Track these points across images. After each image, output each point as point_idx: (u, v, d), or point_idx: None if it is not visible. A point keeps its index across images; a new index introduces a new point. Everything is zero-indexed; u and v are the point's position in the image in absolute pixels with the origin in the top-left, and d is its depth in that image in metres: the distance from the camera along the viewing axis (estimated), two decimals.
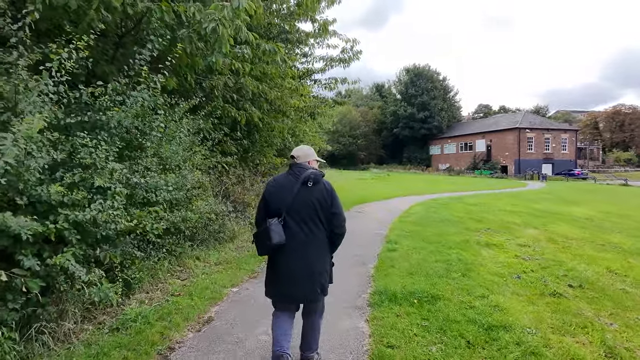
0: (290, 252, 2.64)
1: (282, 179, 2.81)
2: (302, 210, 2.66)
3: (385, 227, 9.12)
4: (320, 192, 2.72)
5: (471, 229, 8.94)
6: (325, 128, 18.17)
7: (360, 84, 11.73)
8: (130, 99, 3.91)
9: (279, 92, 8.66)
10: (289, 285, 2.68)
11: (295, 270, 2.66)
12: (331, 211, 2.74)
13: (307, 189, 2.68)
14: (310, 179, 2.69)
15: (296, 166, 2.80)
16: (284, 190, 2.70)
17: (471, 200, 16.40)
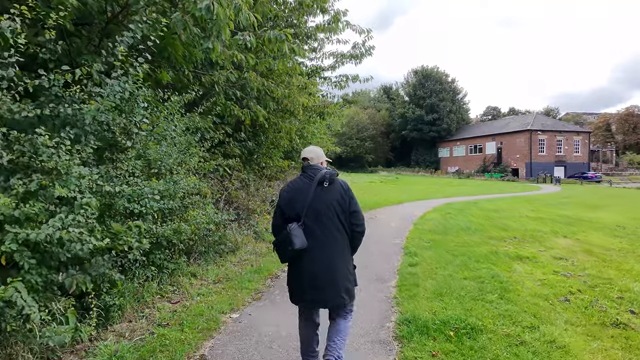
0: (311, 255, 2.56)
1: (296, 183, 2.73)
2: (321, 211, 2.59)
3: (402, 235, 8.37)
4: (337, 192, 2.66)
5: (496, 238, 8.16)
6: (333, 129, 17.45)
7: (371, 82, 10.95)
8: (107, 88, 3.22)
9: (286, 89, 7.98)
10: (314, 291, 2.60)
11: (318, 274, 2.58)
12: (350, 210, 2.68)
13: (323, 189, 2.62)
14: (325, 179, 2.62)
15: (309, 168, 2.73)
16: (300, 193, 2.63)
17: (488, 205, 15.56)
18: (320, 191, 2.61)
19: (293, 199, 2.64)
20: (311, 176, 2.67)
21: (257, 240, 7.24)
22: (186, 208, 4.65)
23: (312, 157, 2.79)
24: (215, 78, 6.25)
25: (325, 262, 2.58)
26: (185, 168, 4.95)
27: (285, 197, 2.69)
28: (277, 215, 2.74)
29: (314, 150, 2.86)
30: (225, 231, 6.26)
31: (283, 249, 2.58)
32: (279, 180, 11.71)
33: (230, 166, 7.52)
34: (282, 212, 2.68)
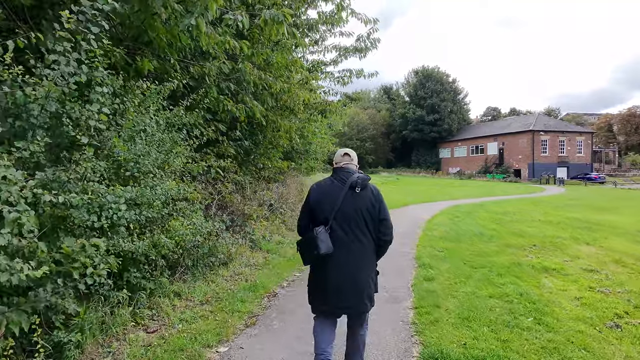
0: (337, 261, 2.51)
1: (326, 185, 2.66)
2: (350, 217, 2.54)
3: (412, 243, 7.69)
4: (368, 198, 2.60)
5: (514, 246, 7.48)
6: (335, 129, 16.76)
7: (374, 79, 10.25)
8: (54, 69, 2.53)
9: (285, 84, 7.30)
10: (337, 297, 2.54)
11: (342, 281, 2.52)
12: (379, 217, 2.61)
13: (354, 194, 2.56)
14: (358, 184, 2.56)
15: (342, 170, 2.67)
16: (330, 196, 2.57)
17: (495, 207, 14.89)
18: (350, 196, 2.55)
19: (322, 201, 2.57)
20: (343, 179, 2.60)
21: (254, 249, 6.55)
22: (169, 217, 3.96)
23: (352, 158, 2.76)
24: (206, 69, 5.56)
25: (350, 269, 2.52)
26: (170, 170, 4.26)
27: (316, 197, 2.62)
28: (305, 215, 2.67)
29: (352, 151, 2.81)
30: (217, 241, 5.56)
31: (307, 252, 2.53)
32: (278, 182, 11.03)
33: (224, 167, 6.84)
34: (311, 213, 2.62)
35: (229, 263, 5.58)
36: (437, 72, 56.26)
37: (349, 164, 2.74)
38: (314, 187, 2.69)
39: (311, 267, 2.68)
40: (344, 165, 2.71)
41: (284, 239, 7.69)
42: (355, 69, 9.42)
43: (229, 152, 7.21)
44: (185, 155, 4.68)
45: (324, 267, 2.55)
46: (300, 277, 5.46)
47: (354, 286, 2.52)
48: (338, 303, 2.54)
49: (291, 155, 12.84)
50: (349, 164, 2.74)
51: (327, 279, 2.53)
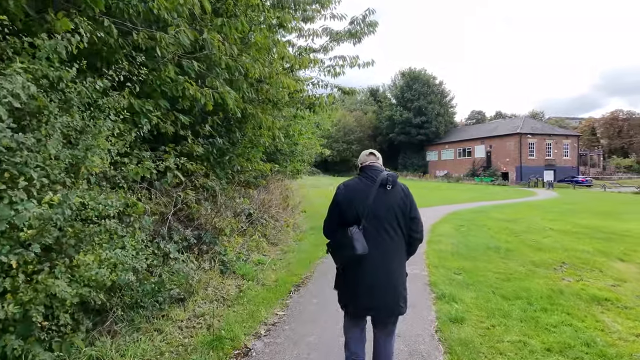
0: (371, 261, 2.43)
1: (354, 184, 2.59)
2: (382, 215, 2.47)
3: (420, 261, 6.38)
4: (399, 195, 2.53)
5: (541, 265, 6.25)
6: (323, 128, 15.38)
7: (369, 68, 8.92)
8: None
9: (266, 68, 5.92)
10: (371, 298, 2.45)
11: (377, 281, 2.44)
12: (411, 216, 2.54)
13: (385, 192, 2.49)
14: (389, 181, 2.49)
15: (369, 168, 2.63)
16: (360, 194, 2.50)
17: (497, 214, 13.78)
18: (382, 194, 2.49)
19: (353, 200, 2.50)
20: (372, 177, 2.54)
21: (225, 275, 5.14)
22: (75, 247, 2.55)
23: (378, 157, 2.73)
24: (157, 38, 4.13)
25: (385, 268, 2.46)
26: (85, 175, 2.83)
27: (345, 197, 2.54)
28: (333, 217, 2.59)
29: (376, 151, 2.78)
30: (172, 268, 4.14)
31: (342, 253, 2.48)
32: (260, 187, 9.63)
33: (189, 170, 5.42)
34: (341, 213, 2.54)
35: (190, 298, 4.16)
36: (424, 74, 55.66)
37: (375, 162, 2.67)
38: (342, 187, 2.62)
39: (342, 268, 2.58)
40: (370, 163, 2.66)
41: (264, 257, 6.30)
42: (349, 56, 8.08)
43: (196, 152, 5.77)
44: (116, 152, 3.24)
45: (358, 268, 2.46)
46: (285, 317, 4.08)
47: (389, 286, 2.47)
48: (372, 303, 2.47)
49: (275, 156, 11.48)
50: (375, 162, 2.68)
51: (362, 279, 2.46)
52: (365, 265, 2.43)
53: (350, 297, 2.56)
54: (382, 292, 2.44)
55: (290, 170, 13.88)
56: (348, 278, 2.54)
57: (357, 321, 2.66)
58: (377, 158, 2.72)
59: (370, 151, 2.77)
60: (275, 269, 5.80)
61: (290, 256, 6.58)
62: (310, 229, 9.37)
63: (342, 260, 2.53)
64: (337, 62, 8.41)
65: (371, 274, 2.44)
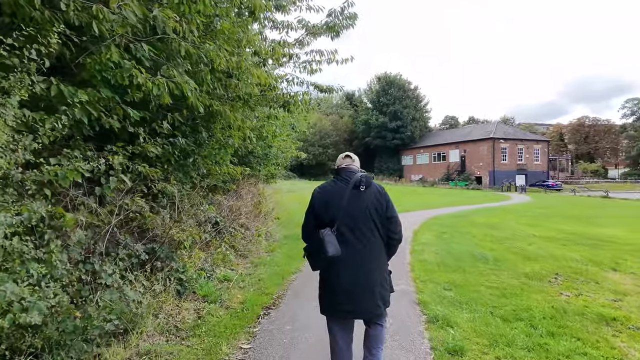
0: (346, 263, 2.41)
1: (329, 186, 2.60)
2: (356, 216, 2.45)
3: (404, 273, 5.80)
4: (374, 196, 2.51)
5: (533, 277, 5.78)
6: (299, 130, 14.68)
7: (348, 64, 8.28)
8: None
9: (233, 57, 5.21)
10: (348, 301, 2.42)
11: (353, 283, 2.41)
12: (387, 215, 2.52)
13: (359, 193, 2.48)
14: (362, 182, 2.49)
15: (344, 171, 2.63)
16: (334, 196, 2.50)
17: (478, 219, 13.48)
18: (356, 195, 2.48)
19: (328, 202, 2.49)
20: (346, 179, 2.55)
21: (183, 296, 4.37)
22: None
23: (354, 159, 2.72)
24: (93, 10, 3.36)
25: (361, 270, 2.42)
26: None
27: (320, 200, 2.54)
28: (310, 220, 2.58)
29: (352, 154, 2.75)
30: (110, 294, 3.35)
31: (315, 256, 2.48)
32: (230, 193, 8.85)
33: (141, 174, 4.64)
34: (316, 216, 2.53)
35: (133, 330, 3.38)
36: (399, 79, 55.97)
37: (350, 165, 2.68)
38: (317, 190, 2.60)
39: (321, 273, 2.58)
40: (346, 165, 2.67)
41: (231, 272, 5.55)
42: (326, 50, 7.45)
43: (151, 152, 4.98)
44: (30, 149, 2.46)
45: (333, 270, 2.45)
46: (251, 351, 3.36)
47: (367, 288, 2.42)
48: (351, 307, 2.42)
49: (247, 159, 10.71)
50: (351, 165, 2.68)
51: (338, 283, 2.44)
52: (341, 267, 2.40)
53: (328, 301, 2.52)
54: (359, 295, 2.40)
55: (265, 174, 13.13)
56: (327, 282, 2.51)
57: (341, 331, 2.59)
58: (352, 160, 2.70)
59: (347, 154, 2.76)
60: (243, 286, 5.06)
61: (261, 270, 5.85)
62: (284, 237, 8.66)
63: (317, 263, 2.51)
64: (313, 57, 7.75)
65: (347, 277, 2.40)
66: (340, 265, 2.40)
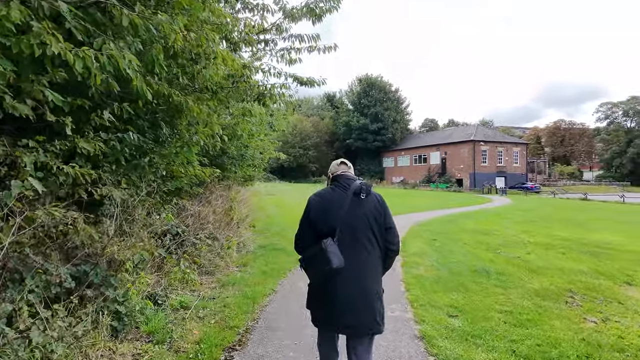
0: (346, 275, 2.24)
1: (328, 194, 2.46)
2: (356, 226, 2.33)
3: (399, 294, 4.92)
4: (373, 205, 2.40)
5: (546, 295, 5.01)
6: (277, 129, 13.66)
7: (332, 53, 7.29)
8: None
9: (192, 33, 4.22)
10: (347, 315, 2.25)
11: (352, 296, 2.26)
12: (386, 226, 2.40)
13: (359, 201, 2.36)
14: (362, 190, 2.38)
15: (342, 177, 2.52)
16: (334, 204, 2.36)
17: (468, 224, 12.81)
18: (355, 203, 2.36)
19: (327, 210, 2.36)
20: (345, 186, 2.43)
21: (120, 335, 3.35)
22: None
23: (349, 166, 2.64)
24: None
25: (360, 282, 2.28)
26: None
27: (318, 208, 2.41)
28: (305, 229, 2.42)
29: (347, 161, 2.70)
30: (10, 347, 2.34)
31: (317, 268, 2.30)
32: (198, 197, 7.82)
33: (72, 175, 3.60)
34: (312, 224, 2.38)
35: None
36: (380, 81, 55.64)
37: (346, 172, 2.58)
38: (314, 198, 2.47)
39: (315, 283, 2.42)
40: (342, 172, 2.56)
41: (192, 296, 4.56)
42: (307, 34, 6.51)
43: (83, 149, 3.92)
44: None
45: (332, 282, 2.27)
46: None
47: (366, 302, 2.27)
48: (348, 321, 2.26)
49: (221, 160, 9.67)
50: (347, 172, 2.58)
51: (335, 295, 2.26)
52: (340, 279, 2.26)
53: (324, 315, 2.37)
54: (358, 309, 2.27)
55: (242, 176, 12.09)
56: (321, 294, 2.36)
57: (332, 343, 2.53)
58: (348, 167, 2.64)
59: (342, 160, 2.69)
60: (203, 315, 4.07)
61: (228, 293, 4.86)
62: (259, 248, 7.68)
63: (317, 275, 2.35)
64: (292, 44, 6.78)
65: (346, 289, 2.27)
66: (340, 277, 2.25)
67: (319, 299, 2.39)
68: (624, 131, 56.36)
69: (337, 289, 2.26)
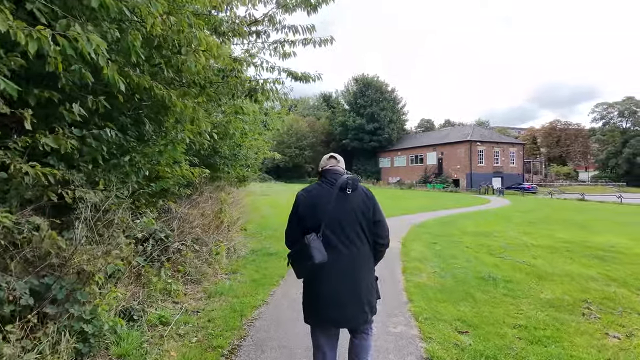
0: (332, 269, 2.28)
1: (315, 189, 2.47)
2: (343, 221, 2.34)
3: (400, 305, 4.51)
4: (360, 199, 2.40)
5: (560, 305, 4.62)
6: (272, 127, 13.19)
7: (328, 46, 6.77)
8: None
9: (172, 17, 3.79)
10: (334, 309, 2.30)
11: (339, 290, 2.29)
12: (374, 219, 2.41)
13: (345, 196, 2.36)
14: (348, 184, 2.37)
15: (329, 172, 2.50)
16: (320, 200, 2.37)
17: (468, 226, 12.43)
18: (342, 198, 2.36)
19: (312, 207, 2.38)
20: (332, 182, 2.43)
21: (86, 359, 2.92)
22: None
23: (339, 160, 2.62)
24: None
25: (347, 276, 2.31)
26: None
27: (305, 204, 2.42)
28: (293, 224, 2.46)
29: (337, 155, 2.67)
30: None
31: (301, 264, 2.32)
32: (185, 198, 7.37)
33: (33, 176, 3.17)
34: (301, 220, 2.40)
35: None
36: (376, 81, 55.34)
37: (335, 166, 2.56)
38: (301, 194, 2.48)
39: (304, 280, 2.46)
40: (330, 167, 2.55)
41: (174, 308, 4.13)
42: (301, 25, 6.08)
43: (46, 145, 3.47)
44: None
45: (318, 277, 2.31)
46: None
47: (354, 296, 2.31)
48: (336, 315, 2.30)
49: (213, 160, 9.25)
50: (336, 166, 2.57)
51: (323, 290, 2.31)
52: (326, 274, 2.28)
53: (313, 310, 2.38)
54: (345, 303, 2.29)
55: (236, 176, 11.64)
56: (311, 290, 2.39)
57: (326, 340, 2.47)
58: (337, 161, 2.60)
59: (331, 155, 2.66)
60: (184, 333, 3.64)
61: (215, 305, 4.43)
62: (251, 253, 7.24)
63: (302, 271, 2.36)
64: (285, 35, 6.34)
65: (332, 284, 2.29)
66: (326, 271, 2.28)
67: (309, 295, 2.41)
68: (620, 131, 56.42)
69: (322, 283, 2.29)
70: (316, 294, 2.34)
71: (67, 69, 3.63)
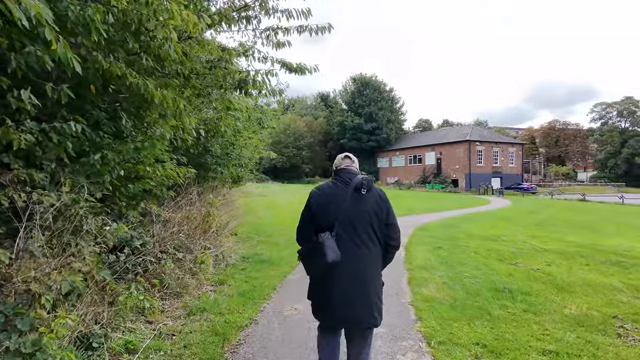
0: (343, 269, 2.25)
1: (329, 188, 2.45)
2: (356, 221, 2.32)
3: (409, 324, 3.93)
4: (374, 200, 2.38)
5: (589, 323, 4.05)
6: (267, 126, 12.57)
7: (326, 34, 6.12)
8: None
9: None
10: (345, 309, 2.28)
11: (350, 291, 2.27)
12: (387, 222, 2.39)
13: (360, 197, 2.35)
14: (364, 185, 2.36)
15: (344, 172, 2.49)
16: (334, 199, 2.36)
17: (473, 229, 11.85)
18: (356, 198, 2.35)
19: (326, 205, 2.36)
20: (347, 181, 2.41)
21: None
22: None
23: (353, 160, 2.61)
24: None
25: (358, 276, 2.29)
26: None
27: (319, 202, 2.40)
28: (306, 221, 2.44)
29: (352, 155, 2.66)
30: None
31: (313, 262, 2.32)
32: (175, 201, 6.77)
33: None
34: (315, 216, 2.37)
35: None
36: (374, 81, 54.81)
37: (350, 166, 2.55)
38: (315, 191, 2.46)
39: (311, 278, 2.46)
40: (345, 167, 2.53)
41: (146, 331, 3.53)
42: (295, 9, 5.47)
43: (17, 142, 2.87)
44: None
45: (330, 276, 2.29)
46: None
47: (364, 296, 2.28)
48: (346, 315, 2.28)
49: (204, 159, 8.67)
50: (351, 166, 2.55)
51: (334, 289, 2.28)
52: (338, 273, 2.26)
53: (322, 308, 2.38)
54: (355, 303, 2.27)
55: (230, 177, 11.02)
56: (320, 287, 2.38)
57: (331, 334, 2.50)
58: (352, 161, 2.59)
59: (346, 154, 2.65)
60: None
61: (194, 325, 3.83)
62: (242, 260, 6.64)
63: (314, 269, 2.35)
64: (279, 20, 5.71)
65: (344, 283, 2.27)
66: (338, 271, 2.25)
67: (318, 292, 2.39)
68: (619, 132, 56.14)
69: (334, 283, 2.27)
70: (327, 293, 2.32)
71: (20, 50, 3.08)
